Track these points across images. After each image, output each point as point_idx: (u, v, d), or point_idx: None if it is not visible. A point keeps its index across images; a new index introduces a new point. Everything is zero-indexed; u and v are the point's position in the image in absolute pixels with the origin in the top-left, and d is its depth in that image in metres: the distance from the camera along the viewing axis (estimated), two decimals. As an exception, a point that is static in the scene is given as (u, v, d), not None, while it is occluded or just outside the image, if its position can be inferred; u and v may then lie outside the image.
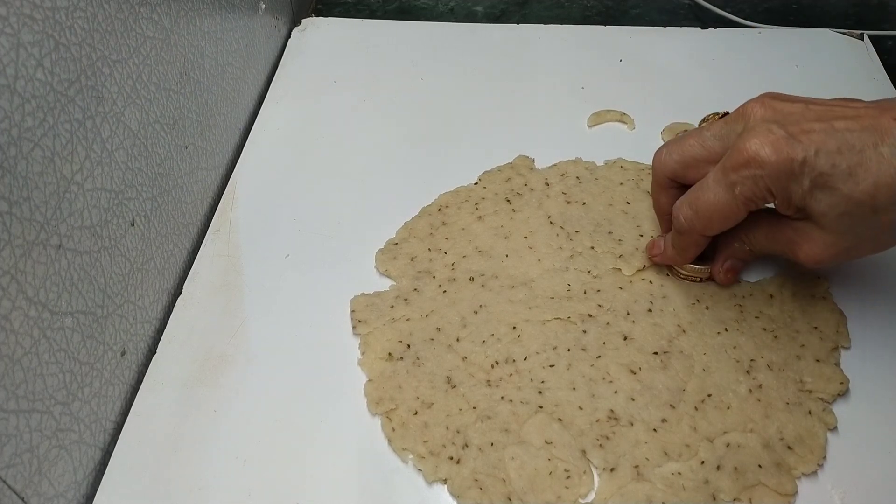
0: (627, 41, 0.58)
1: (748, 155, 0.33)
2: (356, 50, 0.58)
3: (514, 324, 0.39)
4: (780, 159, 0.33)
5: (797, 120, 0.34)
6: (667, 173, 0.39)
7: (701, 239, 0.38)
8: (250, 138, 0.51)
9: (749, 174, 0.34)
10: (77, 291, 0.33)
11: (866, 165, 0.32)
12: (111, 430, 0.37)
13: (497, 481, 0.34)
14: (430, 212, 0.45)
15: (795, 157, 0.32)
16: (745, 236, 0.38)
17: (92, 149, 0.34)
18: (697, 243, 0.38)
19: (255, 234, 0.45)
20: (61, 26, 0.31)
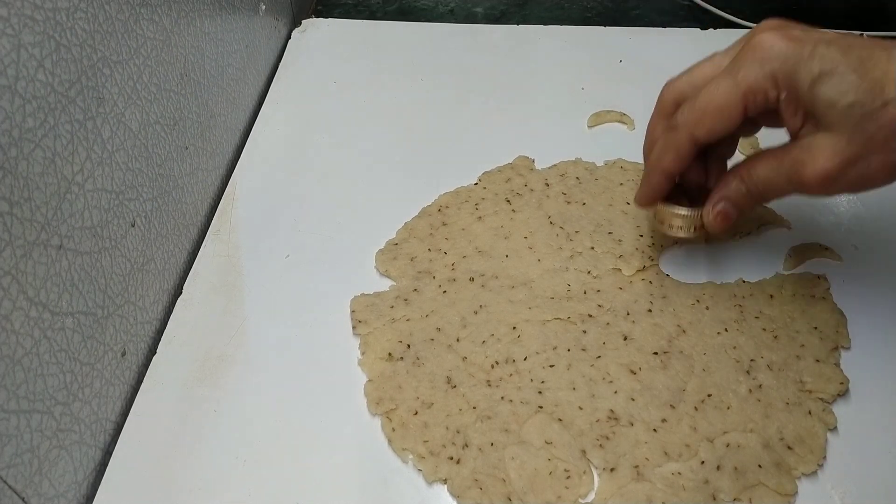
0: (627, 42, 0.58)
1: (756, 42, 0.33)
2: (356, 51, 0.58)
3: (514, 324, 0.39)
4: (789, 45, 0.32)
5: (807, 28, 0.33)
6: (674, 95, 0.37)
7: (685, 142, 0.35)
8: (250, 139, 0.51)
9: (755, 57, 0.33)
10: (77, 292, 0.33)
11: (876, 60, 0.31)
12: (111, 430, 0.37)
13: (497, 481, 0.34)
14: (430, 212, 0.45)
15: (806, 44, 0.32)
16: (745, 172, 0.35)
17: (92, 150, 0.34)
18: (679, 147, 0.35)
19: (255, 234, 0.45)
20: (62, 27, 0.31)
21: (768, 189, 0.35)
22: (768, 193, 0.35)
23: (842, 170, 0.32)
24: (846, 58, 0.31)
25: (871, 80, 0.31)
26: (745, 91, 0.33)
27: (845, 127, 0.32)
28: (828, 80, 0.32)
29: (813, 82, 0.32)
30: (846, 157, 0.32)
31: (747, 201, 0.36)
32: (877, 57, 0.31)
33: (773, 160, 0.34)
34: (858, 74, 0.31)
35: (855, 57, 0.31)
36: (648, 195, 0.38)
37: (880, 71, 0.31)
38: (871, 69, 0.31)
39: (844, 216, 0.45)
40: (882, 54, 0.31)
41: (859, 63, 0.31)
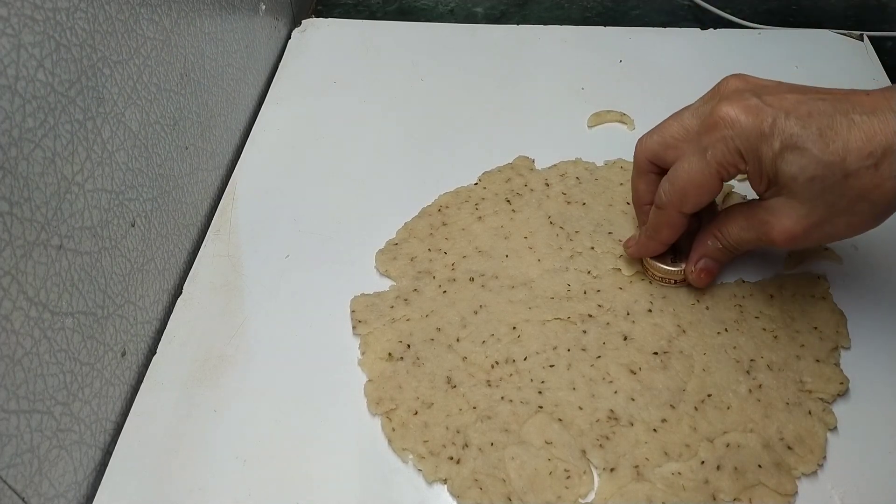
0: (627, 42, 0.58)
1: (719, 117, 0.34)
2: (356, 51, 0.58)
3: (514, 324, 0.39)
4: (750, 120, 0.33)
5: (771, 91, 0.34)
6: (647, 155, 0.39)
7: (676, 218, 0.37)
8: (250, 139, 0.51)
9: (720, 136, 0.34)
10: (77, 292, 0.33)
11: (836, 129, 0.32)
12: (111, 430, 0.37)
13: (497, 481, 0.34)
14: (430, 212, 0.45)
15: (765, 119, 0.33)
16: (717, 231, 0.38)
17: (92, 149, 0.34)
18: (671, 223, 0.38)
19: (255, 234, 0.45)
20: (62, 27, 0.31)
21: (741, 244, 0.38)
22: (741, 247, 0.38)
23: (807, 232, 0.34)
24: (805, 131, 0.32)
25: (831, 152, 0.32)
26: (717, 168, 0.35)
27: (807, 197, 0.33)
28: (788, 156, 0.33)
29: (774, 157, 0.33)
30: (810, 223, 0.34)
31: (724, 256, 0.39)
32: (836, 126, 0.32)
33: (743, 219, 0.37)
34: (819, 148, 0.32)
35: (814, 129, 0.32)
36: (645, 256, 0.41)
37: (840, 142, 0.32)
38: (831, 141, 0.32)
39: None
40: (842, 121, 0.32)
41: (819, 136, 0.32)
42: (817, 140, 0.32)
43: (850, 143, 0.32)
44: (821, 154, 0.32)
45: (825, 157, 0.32)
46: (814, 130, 0.32)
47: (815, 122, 0.32)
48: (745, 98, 0.34)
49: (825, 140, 0.32)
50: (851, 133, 0.32)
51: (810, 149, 0.32)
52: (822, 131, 0.32)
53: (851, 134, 0.32)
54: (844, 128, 0.32)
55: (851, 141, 0.32)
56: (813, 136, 0.32)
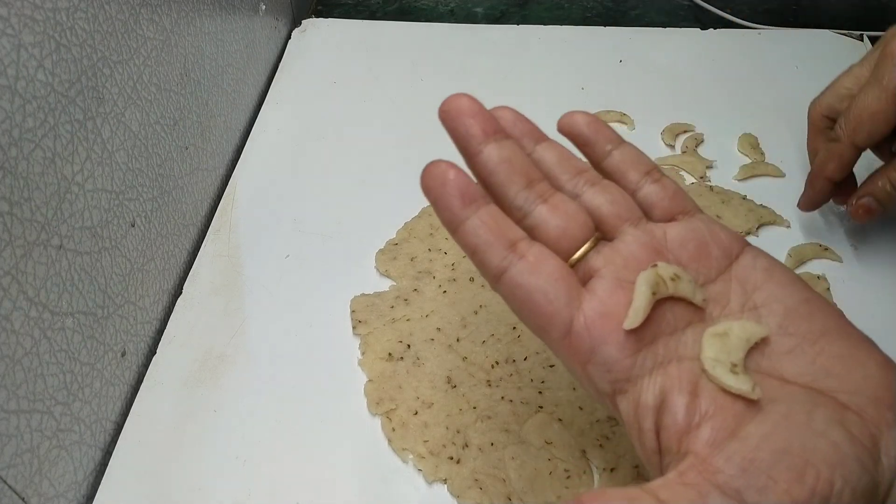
0: (627, 42, 0.58)
1: (892, 49, 0.35)
2: (356, 51, 0.58)
3: (514, 324, 0.39)
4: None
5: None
6: (822, 110, 0.39)
7: (848, 150, 0.37)
8: (250, 139, 0.51)
9: (895, 63, 0.35)
10: (77, 292, 0.33)
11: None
12: (111, 430, 0.37)
13: (497, 481, 0.34)
14: (430, 212, 0.45)
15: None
16: (894, 172, 0.38)
17: (93, 149, 0.34)
18: (842, 156, 0.38)
19: (255, 234, 0.45)
20: (62, 27, 0.31)
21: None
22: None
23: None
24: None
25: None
26: (894, 93, 0.35)
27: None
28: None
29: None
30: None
31: (891, 199, 0.38)
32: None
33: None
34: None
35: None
36: (814, 200, 0.41)
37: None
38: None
39: (844, 216, 0.45)
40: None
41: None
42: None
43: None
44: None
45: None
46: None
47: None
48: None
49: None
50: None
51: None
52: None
53: None
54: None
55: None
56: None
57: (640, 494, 0.21)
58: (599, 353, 0.24)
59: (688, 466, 0.22)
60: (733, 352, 0.24)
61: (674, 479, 0.22)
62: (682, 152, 0.49)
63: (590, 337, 0.24)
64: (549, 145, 0.29)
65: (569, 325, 0.24)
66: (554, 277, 0.25)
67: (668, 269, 0.25)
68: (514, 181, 0.26)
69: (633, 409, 0.24)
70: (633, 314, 0.24)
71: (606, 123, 0.30)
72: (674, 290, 0.25)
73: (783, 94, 0.53)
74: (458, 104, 0.27)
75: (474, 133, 0.27)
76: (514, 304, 0.26)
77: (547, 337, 0.25)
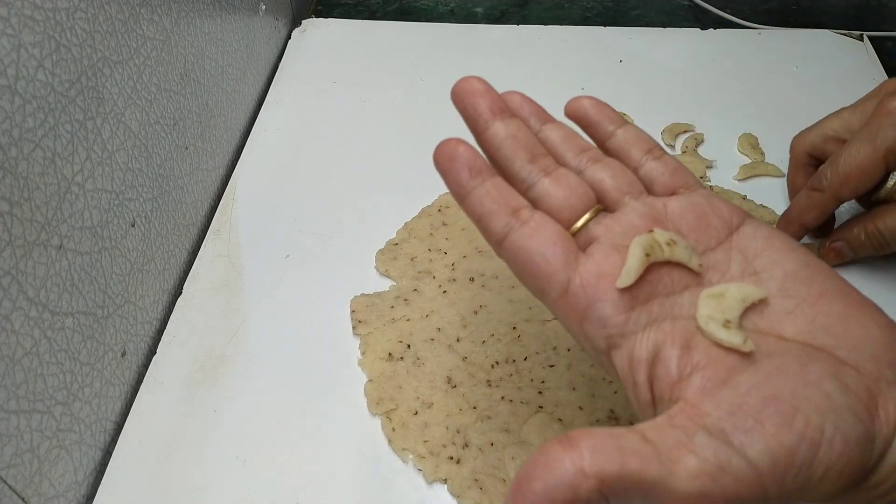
0: (627, 42, 0.58)
1: (891, 106, 0.35)
2: (356, 51, 0.58)
3: (514, 324, 0.39)
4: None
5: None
6: (806, 147, 0.40)
7: (830, 202, 0.38)
8: (250, 139, 0.51)
9: (891, 122, 0.35)
10: (77, 292, 0.33)
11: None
12: (111, 430, 0.37)
13: (497, 481, 0.34)
14: (430, 212, 0.45)
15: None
16: (870, 223, 0.39)
17: (93, 150, 0.34)
18: (824, 206, 0.39)
19: (255, 234, 0.45)
20: (62, 27, 0.31)
21: (891, 240, 0.38)
22: (883, 248, 0.39)
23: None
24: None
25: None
26: (884, 154, 0.35)
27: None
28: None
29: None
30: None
31: (862, 249, 0.40)
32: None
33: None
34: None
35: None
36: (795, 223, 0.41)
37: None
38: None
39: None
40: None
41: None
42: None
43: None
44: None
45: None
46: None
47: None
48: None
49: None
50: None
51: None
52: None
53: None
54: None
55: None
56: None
57: (626, 432, 0.22)
58: (594, 310, 0.25)
59: (677, 411, 0.22)
60: (727, 310, 0.24)
61: (662, 422, 0.22)
62: (682, 152, 0.49)
63: (585, 295, 0.25)
64: (555, 126, 0.30)
65: (566, 285, 0.25)
66: (553, 241, 0.26)
67: (664, 234, 0.26)
68: (519, 155, 0.28)
69: (627, 363, 0.24)
70: (626, 273, 0.25)
71: (611, 107, 0.31)
72: (669, 255, 0.25)
73: (783, 94, 0.53)
74: (469, 85, 0.29)
75: (482, 111, 0.28)
76: (515, 266, 0.27)
77: (546, 297, 0.26)
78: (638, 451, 0.21)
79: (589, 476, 0.20)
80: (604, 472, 0.20)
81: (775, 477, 0.21)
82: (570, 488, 0.20)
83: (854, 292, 0.25)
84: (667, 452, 0.21)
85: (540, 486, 0.20)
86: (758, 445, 0.21)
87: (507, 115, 0.28)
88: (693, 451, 0.21)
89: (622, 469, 0.20)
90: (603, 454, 0.21)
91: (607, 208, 0.28)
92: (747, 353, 0.23)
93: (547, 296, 0.26)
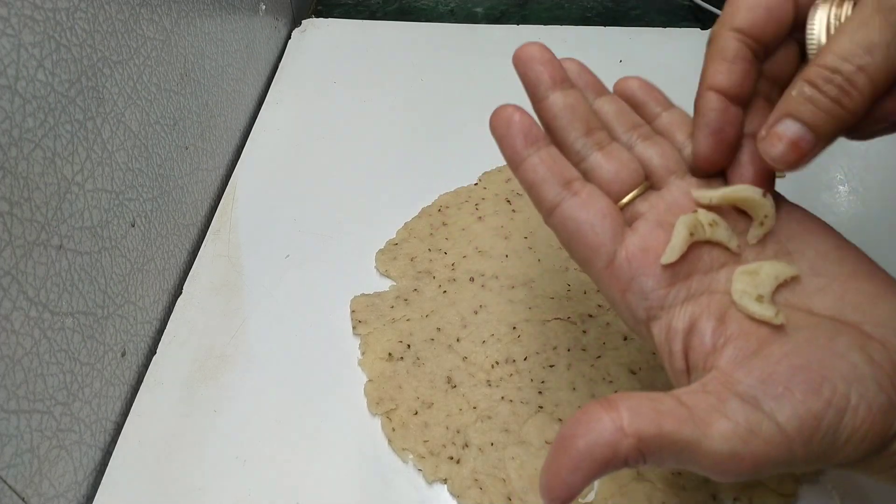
0: (627, 42, 0.58)
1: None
2: (356, 51, 0.58)
3: (514, 324, 0.39)
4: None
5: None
6: (745, 25, 0.26)
7: (732, 41, 0.26)
8: (250, 139, 0.51)
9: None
10: (77, 292, 0.33)
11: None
12: (111, 430, 0.37)
13: (497, 481, 0.34)
14: (430, 212, 0.45)
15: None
16: (820, 62, 0.23)
17: (93, 150, 0.34)
18: (724, 51, 0.26)
19: (255, 234, 0.45)
20: (62, 27, 0.31)
21: (848, 80, 0.23)
22: (846, 97, 0.23)
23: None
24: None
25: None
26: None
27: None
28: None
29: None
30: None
31: (818, 114, 0.24)
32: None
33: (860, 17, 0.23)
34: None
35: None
36: (711, 147, 0.27)
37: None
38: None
39: (844, 216, 0.45)
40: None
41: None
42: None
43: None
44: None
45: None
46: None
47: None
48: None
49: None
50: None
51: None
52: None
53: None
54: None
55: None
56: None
57: (663, 396, 0.23)
58: (637, 282, 0.26)
59: (711, 378, 0.23)
60: (761, 286, 0.25)
61: (697, 388, 0.23)
62: (682, 152, 0.49)
63: (630, 268, 0.26)
64: (610, 98, 0.30)
65: (612, 256, 0.26)
66: (602, 214, 0.26)
67: (707, 215, 0.26)
68: (575, 127, 0.28)
69: (664, 333, 0.26)
70: (670, 251, 0.26)
71: (657, 88, 0.31)
72: (710, 235, 0.26)
73: (783, 93, 0.53)
74: (531, 51, 0.28)
75: (544, 80, 0.28)
76: (563, 235, 0.27)
77: (591, 267, 0.27)
78: (674, 413, 0.22)
79: (628, 435, 0.21)
80: (642, 432, 0.21)
81: (802, 440, 0.22)
82: (610, 446, 0.21)
83: (883, 273, 0.26)
84: (701, 416, 0.22)
85: (582, 443, 0.21)
86: (787, 411, 0.22)
87: (567, 86, 0.28)
88: (725, 415, 0.22)
89: (659, 429, 0.22)
90: (641, 415, 0.22)
91: (654, 186, 0.28)
92: (778, 326, 0.24)
93: (592, 266, 0.27)
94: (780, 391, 0.22)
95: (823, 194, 0.47)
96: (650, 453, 0.22)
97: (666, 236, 0.26)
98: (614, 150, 0.28)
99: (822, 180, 0.47)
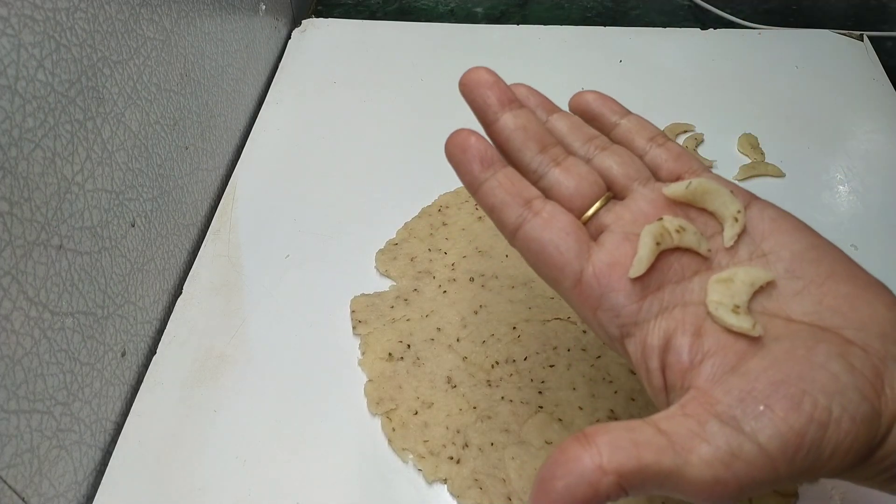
0: (627, 42, 0.58)
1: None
2: (356, 51, 0.58)
3: (514, 324, 0.39)
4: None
5: None
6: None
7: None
8: (250, 139, 0.51)
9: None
10: (77, 292, 0.33)
11: None
12: (111, 430, 0.37)
13: (497, 481, 0.34)
14: (430, 212, 0.45)
15: None
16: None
17: (93, 150, 0.34)
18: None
19: (255, 234, 0.45)
20: (62, 27, 0.31)
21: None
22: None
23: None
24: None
25: None
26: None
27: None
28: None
29: None
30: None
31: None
32: None
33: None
34: None
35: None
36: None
37: None
38: None
39: (844, 216, 0.45)
40: None
41: None
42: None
43: None
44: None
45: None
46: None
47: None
48: None
49: None
50: None
51: None
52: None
53: None
54: None
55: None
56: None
57: (640, 425, 0.22)
58: (607, 299, 0.25)
59: (689, 399, 0.23)
60: (737, 295, 0.24)
61: (675, 411, 0.23)
62: (682, 152, 0.49)
63: (598, 285, 0.25)
64: (562, 115, 0.30)
65: (579, 274, 0.26)
66: (565, 231, 0.26)
67: (674, 221, 0.26)
68: (529, 146, 0.28)
69: (640, 350, 0.25)
70: (637, 263, 0.25)
71: (613, 99, 0.31)
72: (679, 242, 0.26)
73: (783, 94, 0.53)
74: (477, 76, 0.29)
75: (491, 103, 0.28)
76: (529, 256, 0.27)
77: (559, 287, 0.27)
78: (653, 443, 0.21)
79: (608, 472, 0.21)
80: (622, 467, 0.21)
81: (786, 459, 0.21)
82: (591, 485, 0.21)
83: (861, 272, 0.25)
84: (680, 442, 0.21)
85: (562, 484, 0.21)
86: (768, 430, 0.21)
87: (516, 106, 0.28)
88: (705, 440, 0.21)
89: (639, 462, 0.21)
90: (620, 449, 0.21)
91: (616, 195, 0.28)
92: (756, 338, 0.23)
93: (560, 285, 0.26)
94: (760, 410, 0.21)
95: (823, 194, 0.47)
96: (632, 487, 0.21)
97: (633, 248, 0.25)
98: (572, 164, 0.28)
99: (822, 180, 0.47)
